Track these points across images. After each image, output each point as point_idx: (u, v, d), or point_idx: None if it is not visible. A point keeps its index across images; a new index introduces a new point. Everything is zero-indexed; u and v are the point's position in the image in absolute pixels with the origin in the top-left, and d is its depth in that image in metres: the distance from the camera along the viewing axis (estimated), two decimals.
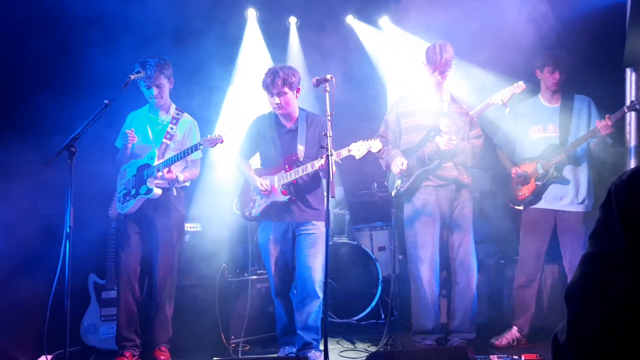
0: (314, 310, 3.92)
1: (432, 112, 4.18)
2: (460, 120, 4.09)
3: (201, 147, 3.90)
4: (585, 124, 4.27)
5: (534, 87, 4.50)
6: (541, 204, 4.32)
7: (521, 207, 4.43)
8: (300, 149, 3.97)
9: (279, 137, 4.09)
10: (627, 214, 1.07)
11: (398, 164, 4.13)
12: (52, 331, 3.36)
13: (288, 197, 3.98)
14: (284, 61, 5.43)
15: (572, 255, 4.23)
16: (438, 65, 4.10)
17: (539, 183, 4.27)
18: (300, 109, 4.11)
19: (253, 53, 5.76)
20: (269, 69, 4.02)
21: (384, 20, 5.92)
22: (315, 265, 3.94)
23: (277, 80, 3.90)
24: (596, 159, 4.28)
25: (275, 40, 5.85)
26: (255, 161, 4.29)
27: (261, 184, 4.00)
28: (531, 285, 4.38)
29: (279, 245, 4.06)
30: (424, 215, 4.14)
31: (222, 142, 3.83)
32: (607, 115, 3.98)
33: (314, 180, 4.05)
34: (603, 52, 4.59)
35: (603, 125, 3.95)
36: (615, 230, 1.07)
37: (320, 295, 3.91)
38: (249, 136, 4.21)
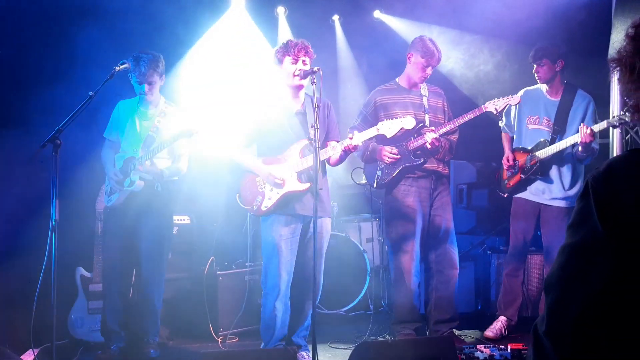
0: (310, 310, 3.80)
1: (411, 106, 4.16)
2: (439, 117, 4.14)
3: (178, 138, 3.87)
4: (577, 124, 4.23)
5: None
6: (526, 195, 4.36)
7: (505, 195, 4.48)
8: (312, 132, 3.54)
9: (286, 120, 3.79)
10: (603, 204, 1.09)
11: (388, 152, 4.10)
12: (39, 325, 3.34)
13: (308, 184, 3.68)
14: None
15: (551, 247, 4.29)
16: (436, 61, 4.07)
17: (523, 176, 4.30)
18: None
19: (240, 42, 5.72)
20: (297, 40, 3.75)
21: (377, 13, 5.96)
22: (322, 266, 3.86)
23: (310, 48, 3.71)
24: (580, 161, 4.28)
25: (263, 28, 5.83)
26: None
27: (274, 174, 3.69)
28: (518, 274, 4.43)
29: (289, 242, 3.74)
30: (405, 206, 4.16)
31: (197, 132, 3.79)
32: (581, 125, 3.96)
33: (324, 168, 3.85)
34: (591, 44, 4.62)
35: (583, 132, 3.91)
36: (592, 220, 1.09)
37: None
38: (247, 122, 3.87)
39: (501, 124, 4.53)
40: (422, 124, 4.06)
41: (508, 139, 4.52)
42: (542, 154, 4.20)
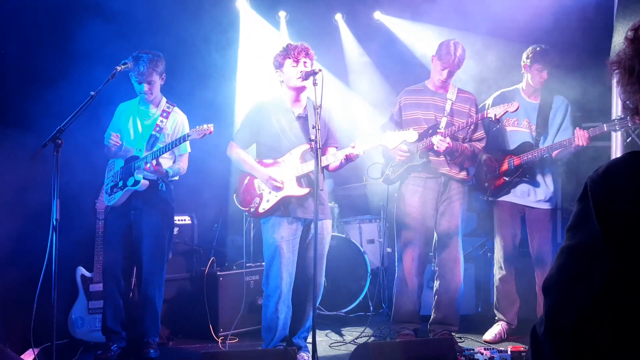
0: (311, 311, 3.79)
1: (434, 108, 4.16)
2: (461, 122, 4.07)
3: (189, 138, 3.83)
4: (558, 126, 4.27)
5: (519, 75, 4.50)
6: (510, 198, 4.36)
7: (485, 198, 4.48)
8: (313, 133, 3.50)
9: (288, 124, 3.80)
10: (602, 206, 1.09)
11: (398, 150, 4.07)
12: (40, 324, 3.34)
13: (307, 190, 3.70)
14: None
15: (539, 248, 4.30)
16: (450, 64, 4.05)
17: (506, 178, 4.29)
18: None
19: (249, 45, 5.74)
20: (296, 42, 3.80)
21: (378, 14, 5.96)
22: (323, 267, 3.87)
23: (310, 50, 3.71)
24: (557, 162, 4.29)
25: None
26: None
27: (274, 176, 3.69)
28: (512, 278, 4.42)
29: (291, 243, 3.75)
30: (411, 206, 4.16)
31: (210, 132, 3.76)
32: (577, 128, 3.97)
33: (323, 172, 3.80)
34: (591, 48, 4.61)
35: (581, 135, 3.91)
36: (591, 222, 1.09)
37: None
38: (249, 123, 3.87)
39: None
40: (435, 127, 4.07)
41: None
42: (529, 155, 4.19)
